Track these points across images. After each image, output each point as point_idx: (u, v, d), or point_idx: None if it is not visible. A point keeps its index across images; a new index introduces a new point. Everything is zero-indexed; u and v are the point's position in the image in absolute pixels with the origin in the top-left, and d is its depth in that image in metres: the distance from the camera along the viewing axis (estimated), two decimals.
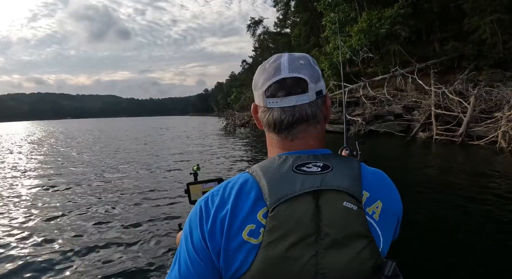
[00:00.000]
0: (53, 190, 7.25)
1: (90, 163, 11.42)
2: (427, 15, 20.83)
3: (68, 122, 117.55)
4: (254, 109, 0.82)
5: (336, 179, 0.67)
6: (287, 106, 0.72)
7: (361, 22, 20.70)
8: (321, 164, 0.69)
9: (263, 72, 0.76)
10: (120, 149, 15.99)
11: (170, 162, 10.93)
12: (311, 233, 0.63)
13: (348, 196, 0.66)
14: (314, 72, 0.74)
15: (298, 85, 0.72)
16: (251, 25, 47.67)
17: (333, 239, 0.64)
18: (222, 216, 0.67)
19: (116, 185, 7.53)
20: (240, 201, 0.67)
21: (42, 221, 5.16)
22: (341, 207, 0.65)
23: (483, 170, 7.85)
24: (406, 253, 3.36)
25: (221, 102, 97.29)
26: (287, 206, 0.64)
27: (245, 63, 64.91)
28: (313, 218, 0.64)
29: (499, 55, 16.32)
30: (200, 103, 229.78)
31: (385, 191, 0.75)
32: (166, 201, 6.01)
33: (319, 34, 32.18)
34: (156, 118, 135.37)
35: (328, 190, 0.66)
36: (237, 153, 13.02)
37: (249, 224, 0.65)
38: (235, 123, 30.21)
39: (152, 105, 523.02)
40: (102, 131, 35.20)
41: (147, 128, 39.66)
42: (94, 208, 5.76)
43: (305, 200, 0.65)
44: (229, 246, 0.66)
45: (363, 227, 0.66)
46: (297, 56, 0.76)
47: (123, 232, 4.54)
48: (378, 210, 0.70)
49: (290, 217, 0.64)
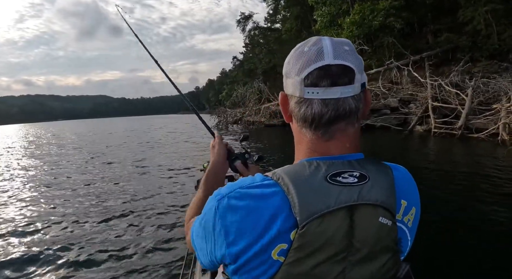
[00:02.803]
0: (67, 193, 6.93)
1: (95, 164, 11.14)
2: (419, 7, 20.56)
3: (61, 124, 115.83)
4: (284, 99, 0.70)
5: (374, 192, 0.60)
6: (329, 98, 0.63)
7: (354, 14, 20.31)
8: (358, 174, 0.61)
9: (301, 56, 0.65)
10: (116, 149, 15.49)
11: (165, 162, 10.44)
12: (342, 250, 0.59)
13: (383, 210, 0.61)
14: (359, 61, 0.65)
15: (346, 75, 0.62)
16: (241, 20, 46.68)
17: (363, 255, 0.60)
18: (243, 231, 0.60)
19: (122, 184, 7.43)
20: (267, 216, 0.59)
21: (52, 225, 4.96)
22: (377, 222, 0.60)
23: (488, 164, 7.50)
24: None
25: (213, 99, 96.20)
26: (319, 222, 0.57)
27: (235, 59, 64.03)
28: (346, 235, 0.59)
29: (494, 46, 16.12)
30: (192, 101, 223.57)
31: (416, 194, 0.71)
32: (174, 200, 5.86)
33: (310, 28, 31.80)
34: (143, 118, 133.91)
35: (364, 205, 0.59)
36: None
37: (280, 243, 0.58)
38: (227, 120, 29.83)
39: (143, 105, 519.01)
40: (97, 134, 34.56)
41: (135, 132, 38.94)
42: (103, 203, 5.87)
43: (339, 216, 0.58)
44: (250, 262, 0.60)
45: (393, 241, 0.62)
46: (340, 41, 0.66)
47: (130, 228, 4.53)
48: (413, 217, 0.68)
49: (322, 235, 0.57)
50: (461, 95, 13.27)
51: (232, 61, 65.76)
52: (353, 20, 20.05)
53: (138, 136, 24.53)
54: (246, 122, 26.22)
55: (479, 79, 13.57)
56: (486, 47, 16.38)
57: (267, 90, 27.26)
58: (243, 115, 27.81)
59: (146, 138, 21.25)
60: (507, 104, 11.17)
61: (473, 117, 12.27)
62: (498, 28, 16.07)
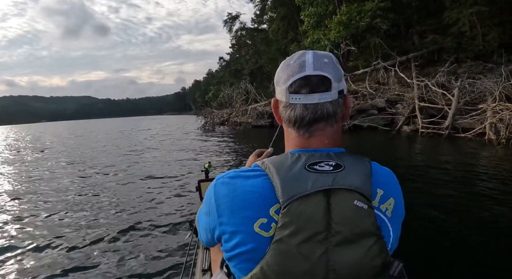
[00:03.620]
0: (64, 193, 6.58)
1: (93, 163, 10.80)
2: (405, 8, 20.71)
3: (43, 126, 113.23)
4: (275, 104, 0.82)
5: (348, 178, 0.68)
6: (310, 103, 0.74)
7: (340, 15, 20.28)
8: (334, 163, 0.71)
9: (287, 68, 0.77)
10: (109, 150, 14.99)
11: (166, 164, 10.08)
12: (322, 231, 0.66)
13: (359, 195, 0.67)
14: (337, 71, 0.76)
15: (322, 84, 0.74)
16: (228, 20, 46.31)
17: (343, 237, 0.66)
18: (231, 204, 0.71)
19: (121, 184, 7.25)
20: (252, 194, 0.70)
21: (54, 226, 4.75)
22: (352, 205, 0.67)
23: (480, 163, 7.43)
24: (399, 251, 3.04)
25: (199, 100, 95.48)
26: (299, 204, 0.66)
27: (222, 60, 63.72)
28: (324, 216, 0.66)
29: (478, 47, 16.27)
30: (178, 102, 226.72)
31: (396, 188, 0.77)
32: (175, 200, 5.75)
33: (297, 29, 31.77)
34: (131, 120, 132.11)
35: (340, 189, 0.67)
36: (226, 150, 12.24)
37: (261, 217, 0.68)
38: (213, 121, 29.47)
39: (129, 106, 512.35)
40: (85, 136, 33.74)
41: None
42: (103, 204, 5.69)
43: (316, 199, 0.66)
44: (238, 231, 0.69)
45: (373, 225, 0.68)
46: (321, 54, 0.77)
47: (132, 229, 4.41)
48: (391, 207, 0.73)
49: (301, 215, 0.66)
50: (447, 96, 13.30)
51: (219, 62, 65.56)
52: (340, 20, 20.00)
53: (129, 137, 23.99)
54: (233, 123, 25.90)
55: (465, 80, 13.63)
56: (471, 48, 16.52)
57: (254, 91, 27.04)
58: (230, 116, 27.51)
59: (134, 142, 20.69)
60: (493, 104, 11.21)
61: (459, 117, 12.30)
62: (483, 29, 16.25)
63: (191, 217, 4.64)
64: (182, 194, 6.05)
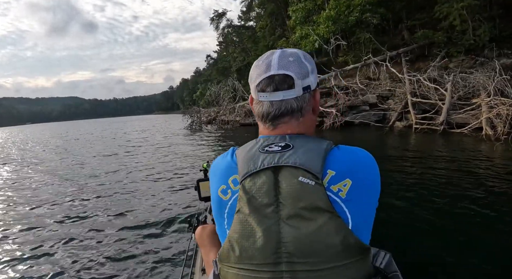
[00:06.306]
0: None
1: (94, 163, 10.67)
2: (394, 3, 20.37)
3: (29, 128, 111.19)
4: (251, 100, 0.88)
5: (293, 157, 0.73)
6: (275, 100, 0.80)
7: (329, 10, 19.81)
8: (283, 144, 0.77)
9: (256, 68, 0.83)
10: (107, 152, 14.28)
11: (164, 163, 9.67)
12: (270, 203, 0.71)
13: (304, 171, 0.71)
14: (302, 68, 0.80)
15: (285, 82, 0.79)
16: (214, 18, 45.35)
17: (290, 211, 0.70)
18: (212, 175, 0.86)
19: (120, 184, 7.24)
20: (222, 167, 0.82)
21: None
22: (296, 181, 0.71)
23: (479, 160, 6.97)
24: (394, 249, 2.58)
25: (187, 99, 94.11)
26: (251, 179, 0.74)
27: (209, 58, 62.96)
28: (272, 191, 0.72)
29: (469, 41, 15.99)
30: (166, 101, 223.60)
31: (359, 170, 0.75)
32: (175, 200, 5.69)
33: (285, 25, 31.23)
34: (118, 121, 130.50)
35: (287, 166, 0.72)
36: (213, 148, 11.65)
37: (222, 184, 0.80)
38: (201, 120, 28.81)
39: (116, 106, 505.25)
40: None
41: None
42: (102, 205, 5.68)
43: (265, 175, 0.73)
44: (212, 193, 0.83)
45: (323, 201, 0.69)
46: (288, 53, 0.82)
47: (132, 229, 4.41)
48: (346, 188, 0.72)
49: (253, 187, 0.73)
50: (440, 90, 12.95)
51: (206, 60, 64.77)
52: (329, 15, 19.54)
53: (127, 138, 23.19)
54: (221, 122, 25.26)
55: (457, 74, 13.31)
56: (461, 43, 16.22)
57: (241, 88, 26.44)
58: (218, 115, 26.88)
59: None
60: (487, 99, 10.90)
61: (453, 112, 11.94)
62: (473, 23, 15.94)
63: (190, 216, 4.33)
64: (181, 194, 6.03)
